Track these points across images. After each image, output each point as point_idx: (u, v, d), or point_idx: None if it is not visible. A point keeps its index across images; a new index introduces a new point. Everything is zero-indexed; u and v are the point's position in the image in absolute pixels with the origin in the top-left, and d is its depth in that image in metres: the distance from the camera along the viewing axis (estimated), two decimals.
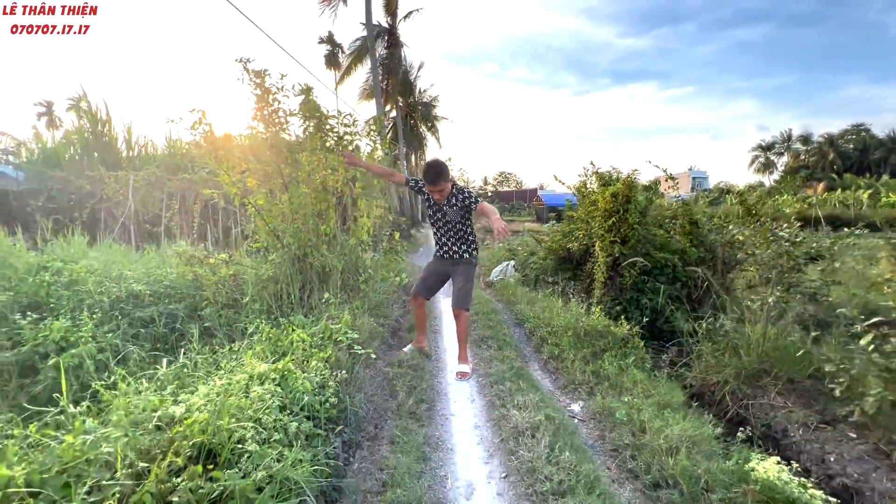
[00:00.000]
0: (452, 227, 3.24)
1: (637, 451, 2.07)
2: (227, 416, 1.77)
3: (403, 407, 2.55)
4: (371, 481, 1.92)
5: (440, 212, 3.22)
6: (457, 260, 3.31)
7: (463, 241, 3.28)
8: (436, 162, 3.11)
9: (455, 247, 3.29)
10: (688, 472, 1.84)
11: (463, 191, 3.19)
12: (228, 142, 4.84)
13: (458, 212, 3.19)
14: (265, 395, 2.12)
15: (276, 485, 1.66)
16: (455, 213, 3.19)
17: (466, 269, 3.29)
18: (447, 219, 3.22)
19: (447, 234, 3.27)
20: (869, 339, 2.63)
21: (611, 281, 5.23)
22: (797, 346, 3.22)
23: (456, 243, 3.28)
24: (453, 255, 3.31)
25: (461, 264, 3.29)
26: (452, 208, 3.18)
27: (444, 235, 3.29)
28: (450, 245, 3.29)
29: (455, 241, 3.28)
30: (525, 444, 2.09)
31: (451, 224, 3.23)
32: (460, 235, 3.25)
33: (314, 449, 1.97)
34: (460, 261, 3.30)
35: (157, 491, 1.51)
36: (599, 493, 1.72)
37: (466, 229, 3.26)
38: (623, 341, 3.54)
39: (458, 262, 3.30)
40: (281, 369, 2.46)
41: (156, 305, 4.05)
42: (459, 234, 3.25)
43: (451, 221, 3.22)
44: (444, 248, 3.32)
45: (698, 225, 5.43)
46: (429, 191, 3.10)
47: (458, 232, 3.25)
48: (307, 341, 2.96)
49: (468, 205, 3.16)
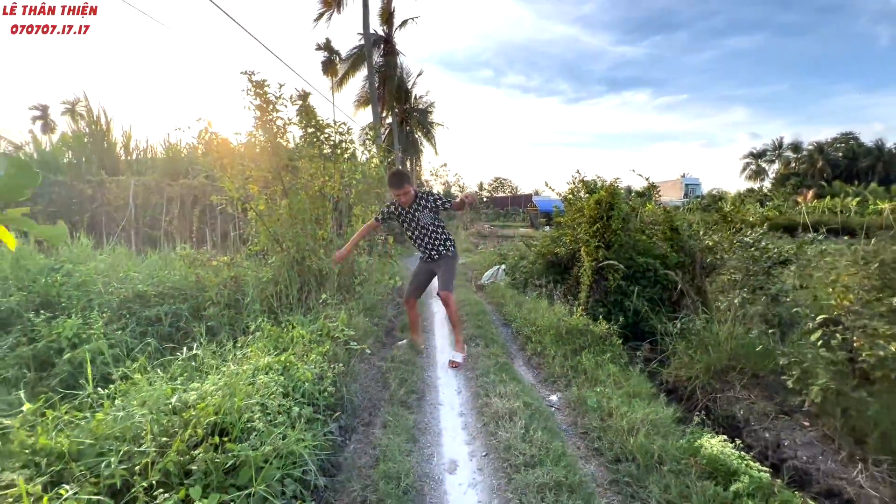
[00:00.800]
0: (426, 229, 3.56)
1: (603, 433, 2.32)
2: (239, 396, 2.00)
3: (395, 396, 2.79)
4: (365, 458, 2.15)
5: (412, 218, 3.54)
6: (437, 258, 3.64)
7: (439, 240, 3.60)
8: (397, 170, 3.57)
9: (434, 246, 3.61)
10: (644, 448, 2.09)
11: (430, 194, 3.57)
12: (231, 149, 5.09)
13: (429, 214, 3.53)
14: (270, 383, 2.35)
15: (281, 458, 1.88)
16: (426, 216, 3.53)
17: (447, 261, 3.63)
18: (421, 223, 3.54)
19: (424, 237, 3.58)
20: (818, 335, 2.89)
21: (596, 284, 5.48)
22: (760, 343, 3.49)
23: (434, 243, 3.60)
24: (434, 254, 3.63)
25: (442, 259, 3.63)
26: (422, 211, 3.52)
27: (422, 239, 3.60)
28: (430, 246, 3.60)
29: (433, 242, 3.59)
30: (504, 426, 2.33)
31: (424, 227, 3.55)
32: (436, 236, 3.58)
33: (314, 430, 2.20)
34: (441, 257, 3.64)
35: (179, 461, 1.74)
36: (565, 465, 1.96)
37: (439, 229, 3.60)
38: (601, 339, 3.79)
39: (440, 258, 3.64)
40: (283, 361, 2.70)
41: (160, 305, 4.26)
42: (434, 234, 3.58)
43: (425, 225, 3.54)
44: (426, 250, 3.63)
45: (678, 231, 5.71)
46: (395, 195, 3.44)
47: (433, 233, 3.57)
48: (306, 337, 3.20)
49: (439, 205, 3.53)
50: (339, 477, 2.03)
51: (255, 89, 4.80)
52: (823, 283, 3.12)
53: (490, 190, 59.90)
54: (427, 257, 3.68)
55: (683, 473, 1.95)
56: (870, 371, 2.68)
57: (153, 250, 7.21)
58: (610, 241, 5.36)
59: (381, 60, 19.58)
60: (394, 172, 3.51)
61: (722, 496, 1.80)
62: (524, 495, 1.81)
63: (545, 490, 1.81)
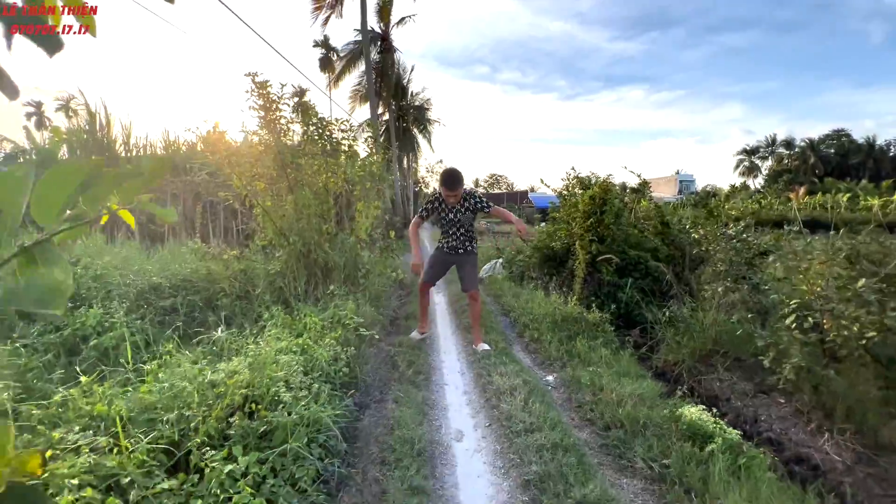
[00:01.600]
0: (462, 226, 3.73)
1: (595, 405, 2.56)
2: (268, 369, 2.22)
3: (404, 376, 3.02)
4: (380, 428, 2.38)
5: (452, 214, 3.67)
6: (463, 254, 3.79)
7: (469, 238, 3.77)
8: (454, 170, 3.59)
9: (463, 243, 3.76)
10: (631, 416, 2.33)
11: (474, 195, 3.70)
12: (239, 148, 5.28)
13: (469, 214, 3.69)
14: (291, 363, 2.57)
15: (307, 426, 2.11)
16: (466, 216, 3.69)
17: (472, 259, 3.82)
18: (459, 220, 3.69)
19: (457, 232, 3.74)
20: (792, 319, 3.15)
21: (590, 276, 5.73)
22: (741, 328, 3.74)
23: (463, 240, 3.76)
24: (461, 250, 3.77)
25: (468, 256, 3.80)
26: (465, 212, 3.67)
27: (454, 234, 3.74)
28: (458, 242, 3.75)
29: (463, 238, 3.75)
30: (505, 400, 2.57)
31: (460, 224, 3.71)
32: (467, 233, 3.76)
33: (333, 404, 2.43)
34: (467, 254, 3.79)
35: (218, 427, 1.96)
36: (561, 430, 2.20)
37: (472, 228, 3.79)
38: (594, 326, 4.04)
39: (466, 255, 3.80)
40: (301, 344, 2.92)
41: (175, 297, 4.46)
42: (467, 232, 3.76)
43: (462, 222, 3.71)
44: (452, 243, 3.77)
45: (669, 225, 5.97)
46: (446, 195, 3.56)
47: (467, 231, 3.76)
48: (318, 324, 3.42)
49: (480, 208, 3.68)
50: (357, 444, 2.26)
51: (259, 89, 5.01)
52: (798, 272, 3.38)
53: (486, 187, 60.13)
54: (452, 250, 3.79)
55: (665, 437, 2.20)
56: (837, 350, 2.93)
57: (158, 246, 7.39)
58: (603, 236, 5.60)
59: (378, 57, 19.71)
60: (450, 173, 3.59)
61: (698, 455, 2.05)
62: (524, 455, 2.05)
63: (543, 450, 2.05)
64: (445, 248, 3.81)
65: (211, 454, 1.75)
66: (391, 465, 2.01)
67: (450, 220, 3.73)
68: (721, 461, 1.92)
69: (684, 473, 1.91)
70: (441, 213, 3.75)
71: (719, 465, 1.90)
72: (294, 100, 5.35)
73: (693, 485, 1.85)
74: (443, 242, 3.83)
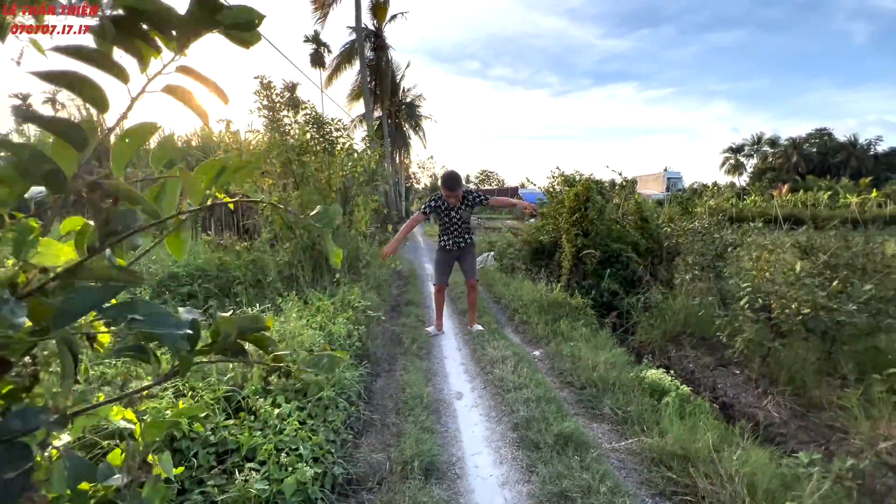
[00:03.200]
0: (462, 223, 3.97)
1: (573, 371, 3.01)
2: (296, 340, 2.63)
3: (409, 351, 3.45)
4: (392, 389, 2.81)
5: (454, 214, 3.90)
6: (465, 246, 4.06)
7: (467, 232, 4.03)
8: (453, 173, 3.86)
9: (463, 236, 4.01)
10: (603, 378, 2.79)
11: (471, 192, 3.95)
12: (249, 145, 5.65)
13: (468, 210, 3.94)
14: (314, 336, 2.98)
15: (333, 386, 2.52)
16: (466, 212, 3.95)
17: (472, 250, 4.12)
18: (460, 218, 3.93)
19: (457, 229, 3.96)
20: (745, 301, 3.64)
21: (575, 268, 6.19)
22: (704, 310, 4.23)
23: (463, 234, 4.00)
24: (461, 244, 4.01)
25: (469, 247, 4.09)
26: (465, 209, 3.92)
27: (454, 231, 3.96)
28: (458, 237, 3.98)
29: (462, 233, 4.00)
30: (497, 367, 3.02)
31: (461, 221, 3.95)
32: (466, 228, 4.02)
33: (351, 371, 2.85)
34: (468, 245, 4.08)
35: (259, 385, 2.37)
36: (544, 388, 2.65)
37: (469, 222, 4.05)
38: (577, 310, 4.50)
39: (468, 247, 4.07)
40: (319, 322, 3.33)
41: (191, 285, 4.83)
42: (465, 227, 4.01)
43: (463, 218, 3.96)
44: (453, 240, 3.98)
45: (648, 220, 6.46)
46: (447, 196, 3.76)
47: (465, 225, 4.01)
48: (330, 307, 3.83)
49: (479, 202, 3.94)
50: (374, 401, 2.68)
51: (265, 91, 5.40)
52: (752, 261, 3.87)
53: (477, 183, 60.57)
54: (454, 246, 4.00)
55: (630, 393, 2.65)
56: (781, 326, 3.42)
57: None
58: (588, 230, 6.06)
59: (372, 55, 19.98)
60: (451, 175, 3.80)
61: (656, 405, 2.50)
62: (513, 405, 2.49)
63: (528, 402, 2.49)
64: (448, 245, 4.01)
65: (260, 401, 2.16)
66: (405, 414, 2.44)
67: (451, 219, 3.94)
68: (672, 407, 2.38)
69: (642, 417, 2.36)
70: (442, 214, 3.94)
71: (670, 410, 2.36)
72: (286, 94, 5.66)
73: (648, 425, 2.30)
74: (445, 241, 4.01)
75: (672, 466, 1.93)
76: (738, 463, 1.78)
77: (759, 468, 1.75)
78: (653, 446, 2.08)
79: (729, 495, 1.68)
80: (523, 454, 2.10)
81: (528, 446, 2.14)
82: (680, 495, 1.82)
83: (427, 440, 2.12)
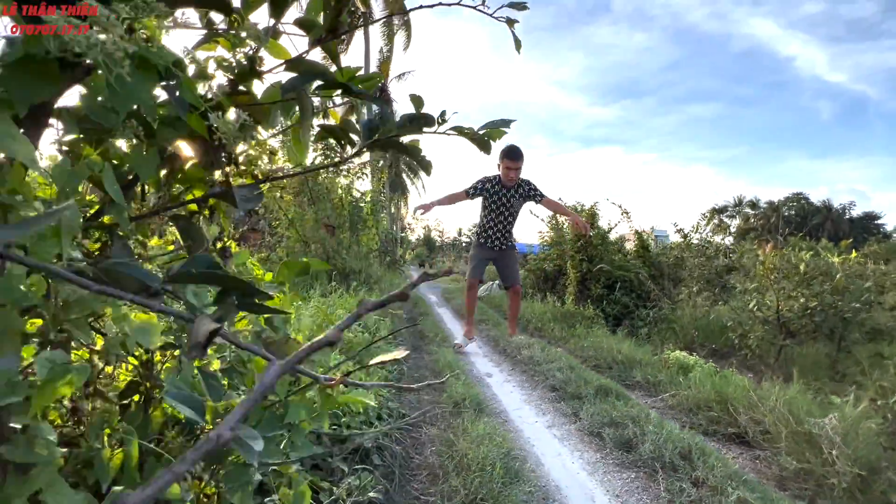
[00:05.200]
0: (510, 216, 3.48)
1: (597, 357, 3.10)
2: (333, 316, 2.73)
3: (434, 341, 3.52)
4: (425, 362, 2.87)
5: (506, 201, 3.41)
6: (505, 249, 3.62)
7: (510, 232, 3.59)
8: (515, 145, 3.35)
9: (505, 236, 3.56)
10: (629, 358, 2.89)
11: (529, 182, 3.46)
12: None
13: (520, 201, 3.46)
14: None
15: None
16: (518, 203, 3.46)
17: (514, 254, 3.69)
18: (510, 207, 3.44)
19: (503, 223, 3.48)
20: (753, 303, 3.82)
21: (580, 294, 6.36)
22: (714, 320, 4.39)
23: (506, 233, 3.55)
24: (503, 244, 3.58)
25: (510, 251, 3.65)
26: (517, 198, 3.44)
27: (501, 225, 3.49)
28: (501, 235, 3.54)
29: (506, 231, 3.55)
30: (524, 350, 3.10)
31: (510, 213, 3.46)
32: (511, 224, 3.55)
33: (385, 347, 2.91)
34: (509, 248, 3.64)
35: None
36: (572, 364, 2.73)
37: (516, 220, 3.60)
38: (590, 319, 4.62)
39: (507, 249, 3.63)
40: (347, 308, 3.42)
41: None
42: (512, 222, 3.54)
43: (512, 211, 3.47)
44: (495, 237, 3.54)
45: (648, 249, 6.74)
46: (508, 168, 3.27)
47: (512, 220, 3.53)
48: (353, 301, 3.92)
49: (532, 196, 3.45)
50: (412, 371, 2.74)
51: None
52: (754, 264, 4.10)
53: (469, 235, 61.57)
54: (495, 245, 3.57)
55: (657, 368, 2.75)
56: (790, 325, 3.59)
57: None
58: (592, 255, 6.30)
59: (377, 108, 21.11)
60: (511, 146, 3.33)
61: (684, 377, 2.60)
62: (547, 374, 2.57)
63: (563, 370, 2.57)
64: (488, 243, 3.57)
65: None
66: (441, 377, 2.50)
67: (498, 208, 3.42)
68: (701, 373, 2.48)
69: (673, 382, 2.45)
70: (489, 199, 3.43)
71: (697, 374, 2.46)
72: None
73: (681, 387, 2.39)
74: (485, 237, 3.58)
75: (712, 408, 2.01)
76: (775, 399, 1.88)
77: (795, 402, 1.85)
78: (689, 397, 2.16)
79: (771, 423, 1.77)
80: (565, 405, 2.16)
81: (568, 398, 2.21)
82: (723, 431, 1.90)
83: (473, 389, 2.19)
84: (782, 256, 3.81)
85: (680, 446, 1.57)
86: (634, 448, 1.65)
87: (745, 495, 1.26)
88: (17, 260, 0.35)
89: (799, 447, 1.59)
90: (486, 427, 1.67)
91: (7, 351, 0.31)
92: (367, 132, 0.85)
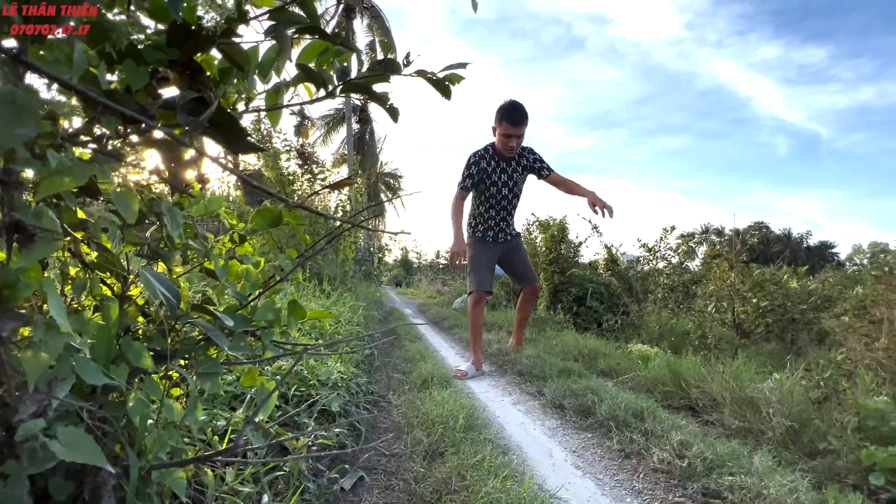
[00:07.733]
0: (514, 197, 2.75)
1: (564, 352, 3.20)
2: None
3: (406, 338, 3.56)
4: (399, 352, 2.91)
5: (508, 178, 2.68)
6: (512, 238, 2.86)
7: (514, 216, 2.84)
8: (518, 102, 2.54)
9: (509, 222, 2.83)
10: (593, 350, 3.00)
11: (532, 150, 2.72)
12: None
13: (523, 176, 2.72)
14: None
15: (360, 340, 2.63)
16: (521, 179, 2.73)
17: (521, 243, 2.99)
18: (513, 185, 2.70)
19: (506, 207, 2.75)
20: (712, 307, 4.02)
21: (552, 306, 6.50)
22: (678, 324, 4.58)
23: (509, 219, 2.82)
24: (508, 234, 2.83)
25: (516, 239, 2.90)
26: (521, 171, 2.70)
27: (506, 209, 2.76)
28: (505, 223, 2.80)
29: (510, 216, 2.82)
30: (492, 346, 3.18)
31: (513, 192, 2.72)
32: (515, 208, 2.81)
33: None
34: (514, 237, 2.88)
35: None
36: (539, 353, 2.83)
37: (520, 201, 2.85)
38: (560, 324, 4.74)
39: (513, 238, 2.86)
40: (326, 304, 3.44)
41: None
42: (515, 206, 2.81)
43: (515, 190, 2.74)
44: (499, 227, 2.79)
45: (617, 262, 6.98)
46: (507, 135, 2.52)
47: (516, 204, 2.80)
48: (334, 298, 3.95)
49: (538, 169, 2.70)
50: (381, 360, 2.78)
51: None
52: (712, 272, 4.33)
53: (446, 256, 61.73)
54: (499, 236, 2.80)
55: (619, 359, 2.87)
56: (745, 326, 3.80)
57: None
58: (563, 268, 6.48)
59: (357, 127, 21.41)
60: (514, 103, 2.53)
61: (644, 365, 2.72)
62: (513, 364, 2.65)
63: (531, 358, 2.66)
64: (490, 235, 2.78)
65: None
66: (415, 362, 2.55)
67: (498, 188, 2.67)
68: (660, 359, 2.61)
69: (633, 367, 2.57)
70: (486, 178, 2.64)
71: (656, 361, 2.58)
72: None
73: (641, 370, 2.50)
74: (483, 229, 2.78)
75: (667, 384, 2.13)
76: (722, 370, 2.01)
77: (740, 373, 1.99)
78: (646, 377, 2.28)
79: (718, 392, 1.89)
80: (530, 385, 2.25)
81: (534, 379, 2.29)
82: (675, 404, 2.01)
83: (441, 370, 2.25)
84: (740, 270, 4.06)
85: (633, 408, 1.67)
86: (592, 413, 1.74)
87: (686, 438, 1.37)
88: (42, 71, 0.42)
89: (741, 410, 1.72)
90: (451, 394, 1.74)
91: (28, 121, 0.38)
92: (340, 75, 0.94)
